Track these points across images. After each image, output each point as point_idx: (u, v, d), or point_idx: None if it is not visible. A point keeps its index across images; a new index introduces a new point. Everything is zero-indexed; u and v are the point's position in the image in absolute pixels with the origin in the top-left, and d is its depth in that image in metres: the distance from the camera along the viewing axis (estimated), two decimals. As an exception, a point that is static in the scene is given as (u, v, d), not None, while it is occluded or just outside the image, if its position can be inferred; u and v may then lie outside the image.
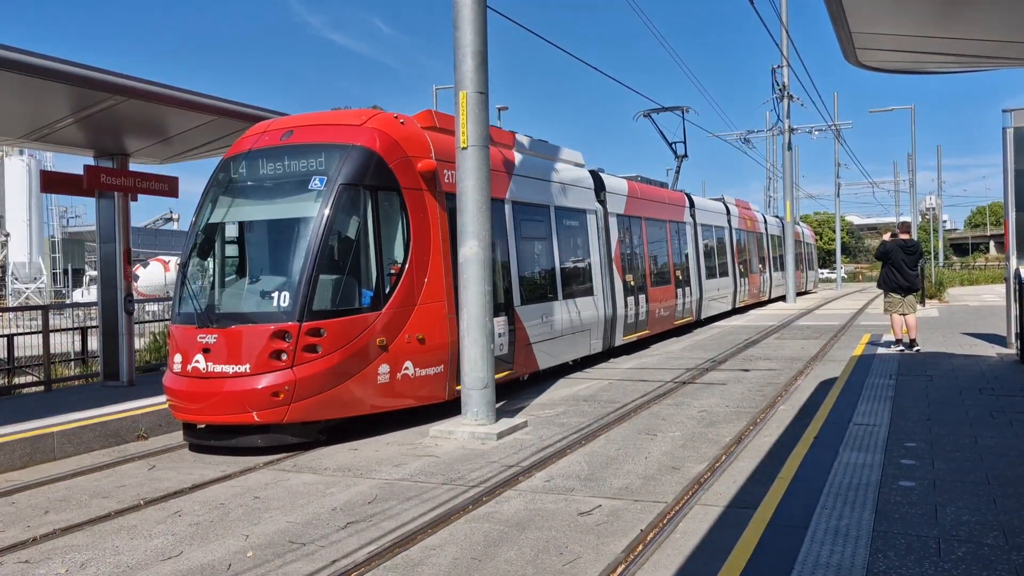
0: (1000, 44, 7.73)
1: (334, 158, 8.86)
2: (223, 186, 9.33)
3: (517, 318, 11.31)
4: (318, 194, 8.69)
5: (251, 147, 9.31)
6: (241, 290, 9.05)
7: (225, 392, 8.10)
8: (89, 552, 5.37)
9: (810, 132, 39.72)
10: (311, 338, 8.24)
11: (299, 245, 8.57)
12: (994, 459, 6.06)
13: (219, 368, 8.20)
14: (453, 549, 5.20)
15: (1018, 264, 12.20)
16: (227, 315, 8.54)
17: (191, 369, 8.33)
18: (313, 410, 8.29)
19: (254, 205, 9.29)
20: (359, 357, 8.58)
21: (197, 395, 8.22)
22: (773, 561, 4.30)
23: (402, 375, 8.91)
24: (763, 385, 11.22)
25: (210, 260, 9.26)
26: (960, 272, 52.55)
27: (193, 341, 8.40)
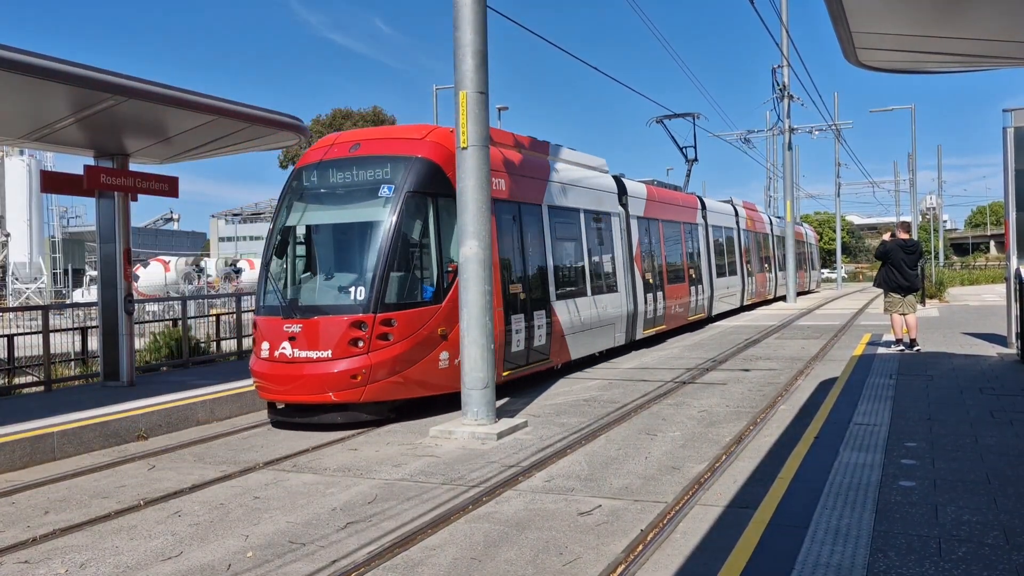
0: (1000, 44, 7.72)
1: (400, 168, 9.89)
2: (298, 193, 10.44)
3: (553, 312, 12.42)
4: (387, 200, 9.78)
5: (321, 158, 10.39)
6: (321, 286, 10.12)
7: (309, 375, 9.20)
8: (89, 552, 5.37)
9: (810, 132, 39.72)
10: (384, 327, 9.34)
11: (371, 246, 9.68)
12: (995, 459, 6.06)
13: (303, 354, 9.30)
14: (453, 549, 5.20)
15: (1018, 264, 12.19)
16: (309, 308, 9.64)
17: (278, 355, 9.42)
18: (385, 391, 9.38)
19: (328, 210, 10.32)
20: (424, 345, 9.66)
21: (283, 378, 9.31)
22: (773, 561, 4.30)
23: (459, 361, 9.29)
24: (763, 385, 11.21)
25: (290, 259, 10.35)
26: (960, 272, 52.55)
27: (279, 330, 9.46)
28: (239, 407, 10.26)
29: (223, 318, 16.06)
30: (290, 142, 12.53)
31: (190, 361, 13.52)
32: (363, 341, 9.25)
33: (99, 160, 11.13)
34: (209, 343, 15.06)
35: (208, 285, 50.10)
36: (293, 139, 12.08)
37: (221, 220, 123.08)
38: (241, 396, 10.36)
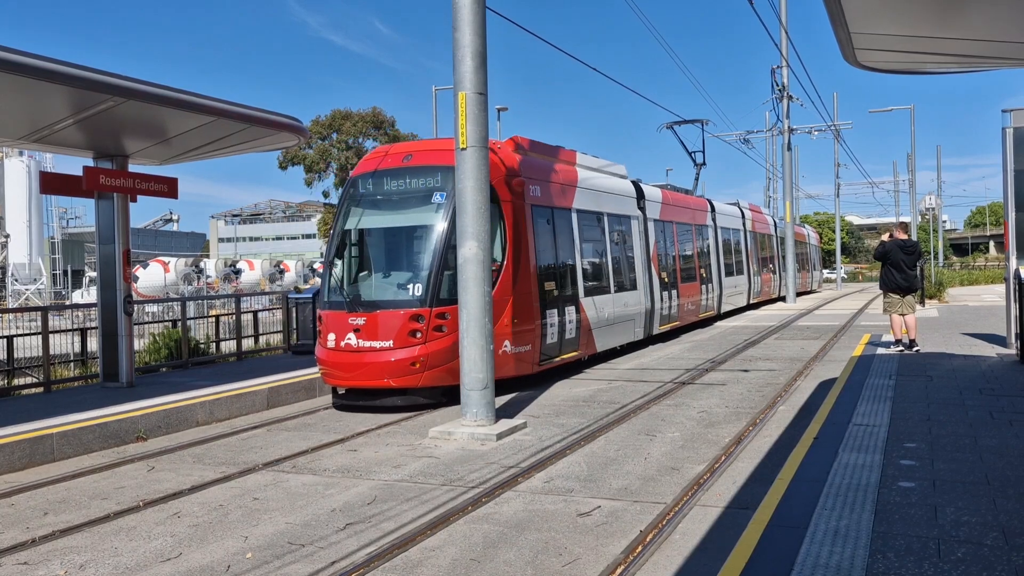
0: (999, 44, 7.73)
1: (449, 177, 10.48)
2: (356, 199, 11.50)
3: (582, 308, 13.47)
4: (439, 206, 10.83)
5: (376, 167, 11.49)
6: (381, 283, 11.10)
7: (372, 362, 10.23)
8: (88, 553, 5.37)
9: (810, 132, 39.67)
10: (439, 320, 10.39)
11: (426, 247, 10.80)
12: (994, 459, 6.06)
13: (367, 344, 10.35)
14: (452, 550, 5.20)
15: (1018, 264, 12.19)
16: (372, 302, 10.68)
17: (344, 345, 10.46)
18: (439, 377, 10.34)
19: (384, 214, 11.32)
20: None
21: (349, 365, 10.35)
22: (773, 562, 4.30)
23: (503, 351, 10.81)
24: (763, 386, 11.21)
25: (351, 259, 11.40)
26: (960, 272, 52.53)
27: (345, 323, 10.50)
28: (238, 408, 10.26)
29: (223, 319, 16.07)
30: (289, 143, 12.54)
31: (190, 362, 13.52)
32: (421, 332, 10.35)
33: (98, 161, 11.13)
34: (209, 344, 15.06)
35: (208, 286, 50.12)
36: (292, 140, 12.09)
37: (220, 221, 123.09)
38: (240, 397, 10.36)
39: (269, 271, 56.15)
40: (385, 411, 10.08)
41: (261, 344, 16.24)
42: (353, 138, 59.83)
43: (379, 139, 60.35)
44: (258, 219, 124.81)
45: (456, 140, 8.90)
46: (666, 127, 25.55)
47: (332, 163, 59.39)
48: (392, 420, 9.61)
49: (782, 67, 32.57)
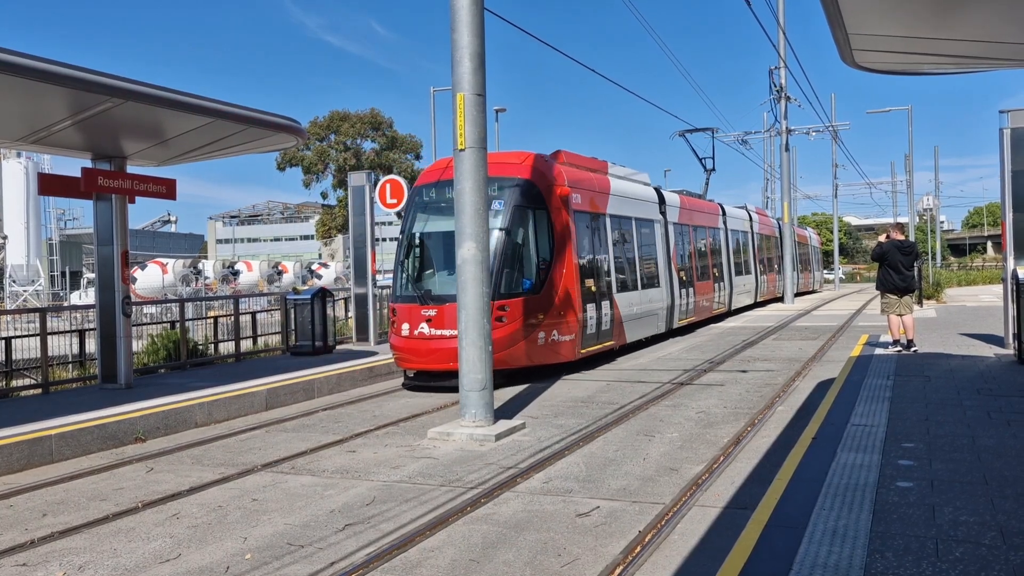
0: (995, 45, 7.74)
1: (506, 188, 12.45)
2: (422, 207, 13.13)
3: (615, 303, 15.08)
4: (497, 212, 12.14)
5: (439, 178, 13.02)
6: (449, 279, 11.89)
7: (442, 348, 11.61)
8: (87, 555, 5.37)
9: (807, 133, 39.69)
10: (500, 312, 11.71)
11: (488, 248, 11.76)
12: (992, 459, 6.07)
13: (438, 332, 11.82)
14: (451, 551, 5.20)
15: (1015, 265, 12.21)
16: (441, 296, 12.04)
17: (417, 333, 11.98)
18: (501, 361, 11.49)
19: (449, 219, 11.77)
20: (527, 326, 12.29)
21: (421, 351, 11.89)
22: (771, 562, 4.31)
23: (551, 340, 12.64)
24: (761, 386, 11.23)
25: (420, 259, 12.88)
26: (958, 272, 52.59)
27: (418, 314, 12.05)
28: (237, 409, 10.26)
29: (221, 320, 16.05)
30: (288, 144, 12.53)
31: (188, 363, 13.51)
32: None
33: (96, 162, 11.12)
34: (207, 345, 15.05)
35: (206, 287, 50.10)
36: (291, 141, 12.08)
37: (219, 222, 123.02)
38: (239, 398, 10.36)
39: (267, 272, 56.18)
40: (451, 391, 11.00)
41: (260, 345, 16.23)
42: (351, 139, 59.79)
43: (377, 140, 60.37)
44: (256, 220, 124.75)
45: (454, 141, 8.91)
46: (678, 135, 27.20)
47: (330, 164, 59.34)
48: (391, 421, 9.61)
49: (780, 68, 32.61)
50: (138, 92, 8.90)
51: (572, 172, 14.17)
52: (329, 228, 62.65)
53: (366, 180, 16.95)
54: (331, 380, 12.08)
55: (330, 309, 15.80)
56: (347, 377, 12.43)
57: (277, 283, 53.28)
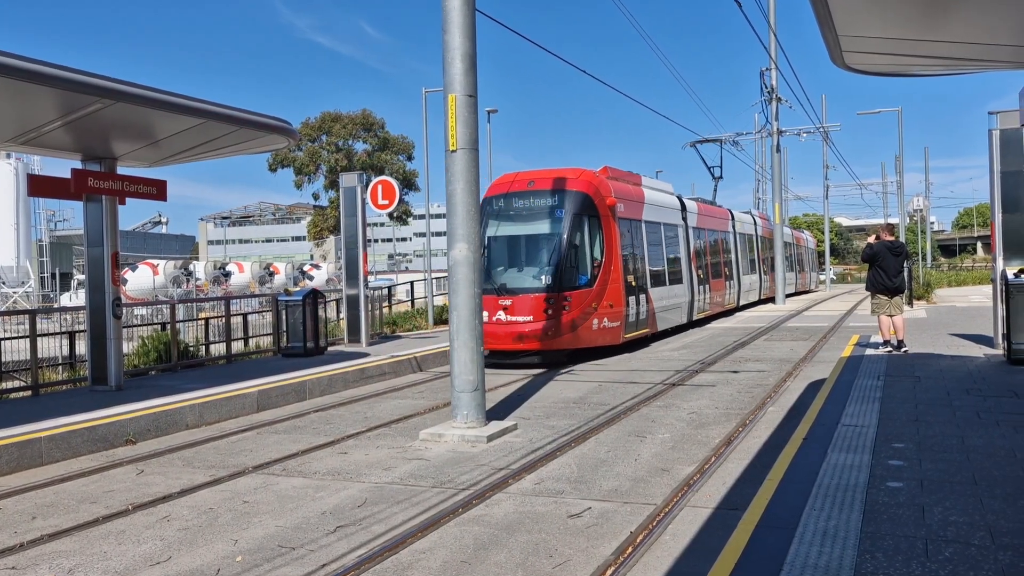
0: (983, 47, 7.78)
1: (566, 198, 15.10)
2: (494, 214, 15.52)
3: (650, 297, 17.78)
4: (558, 219, 14.93)
5: (507, 190, 15.69)
6: (521, 275, 14.97)
7: (516, 331, 14.26)
8: (77, 558, 5.35)
9: (798, 134, 39.82)
10: (563, 302, 14.40)
11: (552, 249, 14.90)
12: (981, 459, 6.10)
13: (512, 318, 14.40)
14: (443, 552, 5.20)
15: (1005, 265, 12.27)
16: (515, 289, 14.63)
17: (495, 319, 14.32)
18: (564, 342, 14.51)
19: (518, 224, 15.36)
20: (585, 314, 14.79)
21: (500, 334, 14.28)
22: (762, 562, 4.32)
23: (602, 326, 15.29)
24: (752, 387, 11.25)
25: (496, 258, 15.37)
26: (948, 273, 52.82)
27: (496, 304, 14.37)
28: (228, 411, 10.23)
29: (212, 321, 16.00)
30: (279, 145, 12.50)
31: (179, 365, 13.47)
32: (551, 310, 14.35)
33: (87, 163, 11.07)
34: (198, 347, 15.00)
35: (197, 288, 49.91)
36: (282, 142, 12.05)
37: (210, 223, 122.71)
38: (230, 400, 10.33)
39: (259, 273, 56.00)
40: (520, 367, 14.11)
41: (251, 347, 16.19)
42: (343, 140, 59.69)
43: (369, 141, 60.27)
44: (247, 221, 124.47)
45: (446, 142, 8.90)
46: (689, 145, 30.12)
47: (322, 165, 59.21)
48: (382, 422, 9.60)
49: (771, 69, 32.72)
50: (128, 93, 8.86)
51: (616, 185, 16.87)
52: (321, 229, 62.54)
53: (358, 181, 16.93)
54: (323, 382, 12.06)
55: (322, 310, 15.78)
56: (339, 378, 12.41)
57: (268, 284, 53.13)
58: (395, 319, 21.45)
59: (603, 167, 17.13)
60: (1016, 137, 12.59)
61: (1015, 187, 12.66)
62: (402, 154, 61.04)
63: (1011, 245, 12.67)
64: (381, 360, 13.88)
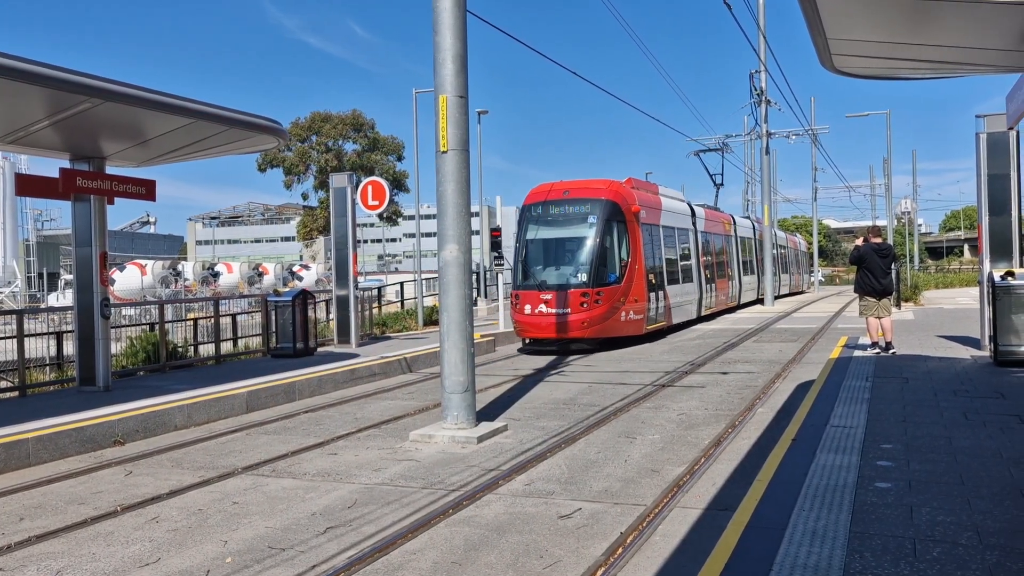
0: (971, 51, 7.84)
1: (597, 206, 17.49)
2: (533, 219, 17.96)
3: (666, 293, 20.14)
4: (592, 224, 17.32)
5: (545, 198, 18.02)
6: (559, 273, 17.34)
7: (555, 322, 16.57)
8: (65, 559, 5.32)
9: (788, 136, 40.00)
10: (596, 296, 16.72)
11: (587, 250, 17.22)
12: (968, 460, 6.14)
13: (551, 311, 16.62)
14: (433, 553, 5.20)
15: (991, 267, 12.36)
16: (554, 285, 16.95)
17: (536, 312, 16.73)
18: (598, 331, 16.86)
19: (556, 229, 17.80)
20: (614, 308, 17.14)
21: (541, 324, 16.71)
22: (751, 562, 4.34)
23: (629, 318, 17.69)
24: (742, 388, 11.29)
25: (534, 258, 17.83)
26: (935, 275, 53.10)
27: (537, 298, 16.82)
28: (217, 412, 10.19)
29: (201, 322, 15.93)
30: (269, 145, 12.46)
31: (167, 365, 13.41)
32: (587, 304, 16.66)
33: (75, 163, 11.01)
34: (187, 347, 14.94)
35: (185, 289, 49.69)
36: (272, 142, 12.01)
37: (198, 223, 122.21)
38: (219, 401, 10.29)
39: (248, 274, 55.78)
40: (556, 354, 16.54)
41: (240, 347, 16.13)
42: (333, 140, 59.56)
43: (359, 142, 60.14)
44: (237, 222, 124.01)
45: (436, 143, 8.90)
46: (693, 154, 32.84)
47: (312, 165, 59.06)
48: (372, 423, 9.59)
49: (760, 72, 32.83)
50: (117, 92, 8.82)
51: (639, 194, 19.27)
52: (310, 230, 62.37)
53: (348, 182, 16.91)
54: (312, 382, 12.03)
55: (311, 311, 15.74)
56: (328, 379, 12.39)
57: (258, 285, 52.92)
58: (385, 320, 21.42)
59: (627, 178, 19.40)
60: (1003, 140, 12.69)
61: (1002, 190, 12.75)
62: (392, 155, 60.95)
63: (998, 247, 12.76)
64: (371, 361, 13.86)
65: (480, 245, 34.04)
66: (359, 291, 17.66)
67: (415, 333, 20.25)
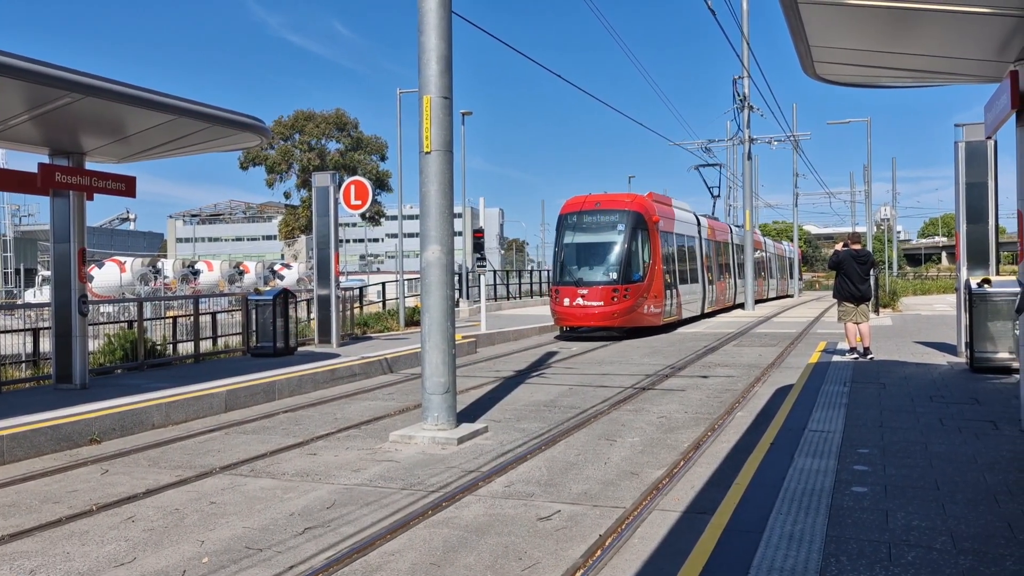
0: (949, 60, 7.94)
1: (624, 216, 20.87)
2: (570, 226, 21.32)
3: (678, 291, 23.60)
4: (620, 231, 20.66)
5: (580, 208, 21.44)
6: (593, 271, 20.66)
7: (589, 313, 19.96)
8: (39, 558, 5.26)
9: (769, 142, 40.26)
10: (624, 291, 19.99)
11: (616, 253, 20.54)
12: (943, 465, 6.21)
13: (586, 303, 19.96)
14: (412, 554, 5.19)
15: (968, 275, 12.50)
16: (588, 282, 20.27)
17: (574, 304, 20.03)
18: (626, 321, 20.20)
19: (590, 235, 21.13)
20: (638, 302, 20.38)
21: (577, 314, 20.10)
22: (729, 565, 4.36)
23: (649, 311, 20.97)
24: (721, 392, 11.35)
25: (571, 259, 21.14)
26: (913, 282, 53.67)
27: (574, 292, 20.08)
28: (195, 411, 10.12)
29: (180, 320, 15.81)
30: (251, 143, 12.39)
31: (145, 364, 13.29)
32: (616, 298, 20.04)
33: (54, 158, 10.90)
34: (166, 345, 14.82)
35: (165, 287, 49.31)
36: (255, 140, 11.95)
37: (179, 221, 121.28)
38: (198, 400, 10.22)
39: (228, 272, 55.46)
40: (590, 339, 20.04)
41: (220, 346, 16.02)
42: (316, 139, 59.34)
43: (342, 141, 59.95)
44: (218, 220, 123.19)
45: (420, 144, 8.89)
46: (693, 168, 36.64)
47: (294, 164, 58.81)
48: (352, 423, 9.55)
49: (743, 78, 33.06)
50: (98, 87, 8.74)
51: (658, 206, 22.61)
52: (292, 229, 62.07)
53: (330, 181, 16.84)
54: (292, 382, 11.97)
55: (292, 310, 15.66)
56: (309, 379, 12.33)
57: (238, 283, 52.61)
58: (366, 320, 21.35)
59: (649, 192, 23.05)
60: (981, 149, 12.85)
61: (979, 198, 12.91)
62: (375, 154, 60.83)
63: (975, 255, 12.92)
64: (352, 361, 13.81)
65: (463, 246, 34.00)
66: (341, 291, 17.58)
67: (396, 333, 20.20)
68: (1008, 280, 11.40)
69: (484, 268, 22.81)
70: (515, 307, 33.87)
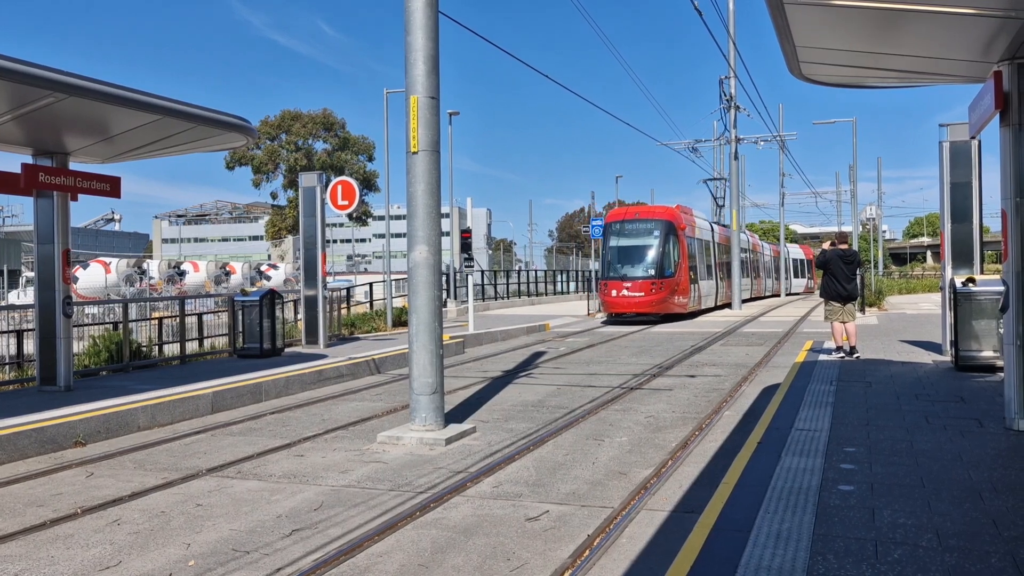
0: (935, 61, 7.98)
1: (659, 224, 26.12)
2: (614, 233, 26.52)
3: (699, 287, 28.45)
4: (656, 236, 25.90)
5: (622, 218, 26.97)
6: (634, 268, 25.64)
7: (633, 301, 25.26)
8: (23, 562, 5.21)
9: (756, 142, 40.39)
10: (660, 285, 25.27)
11: (653, 254, 25.75)
12: (929, 463, 6.25)
13: (630, 294, 25.28)
14: (400, 556, 5.17)
15: (953, 274, 12.58)
16: (631, 276, 25.45)
17: (620, 295, 25.32)
18: (659, 308, 25.37)
19: (631, 239, 26.21)
20: (670, 294, 25.67)
21: (621, 303, 25.40)
22: (717, 564, 4.37)
23: (678, 302, 26.27)
24: (708, 391, 11.38)
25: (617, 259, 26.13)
26: (899, 281, 54.06)
27: (620, 285, 25.36)
28: (182, 413, 10.06)
29: (166, 321, 15.72)
30: (237, 143, 12.32)
31: (131, 365, 13.21)
32: (654, 290, 24.94)
33: (38, 158, 10.81)
34: (151, 347, 14.72)
35: (151, 287, 49.00)
36: (241, 140, 11.88)
37: (165, 221, 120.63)
38: (184, 401, 10.16)
39: (215, 273, 55.13)
40: (629, 324, 24.79)
41: (206, 347, 15.94)
42: (303, 139, 59.12)
43: (329, 141, 59.76)
44: (204, 220, 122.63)
45: (407, 144, 8.87)
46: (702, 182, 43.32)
47: (281, 164, 58.58)
48: (340, 424, 9.52)
49: (730, 78, 33.17)
50: (81, 87, 8.67)
51: (684, 215, 27.54)
52: (279, 229, 61.83)
53: (317, 181, 16.78)
54: (279, 383, 11.92)
55: (279, 311, 15.60)
56: (296, 380, 12.28)
57: (225, 284, 52.32)
58: (354, 320, 21.29)
59: (677, 204, 27.65)
60: (965, 149, 12.93)
61: (964, 198, 13.00)
62: (363, 154, 60.66)
63: (959, 254, 13.01)
64: (339, 362, 13.77)
65: (450, 247, 33.98)
66: (328, 291, 17.53)
67: (384, 334, 20.16)
68: (992, 279, 11.48)
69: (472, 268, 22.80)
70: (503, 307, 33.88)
